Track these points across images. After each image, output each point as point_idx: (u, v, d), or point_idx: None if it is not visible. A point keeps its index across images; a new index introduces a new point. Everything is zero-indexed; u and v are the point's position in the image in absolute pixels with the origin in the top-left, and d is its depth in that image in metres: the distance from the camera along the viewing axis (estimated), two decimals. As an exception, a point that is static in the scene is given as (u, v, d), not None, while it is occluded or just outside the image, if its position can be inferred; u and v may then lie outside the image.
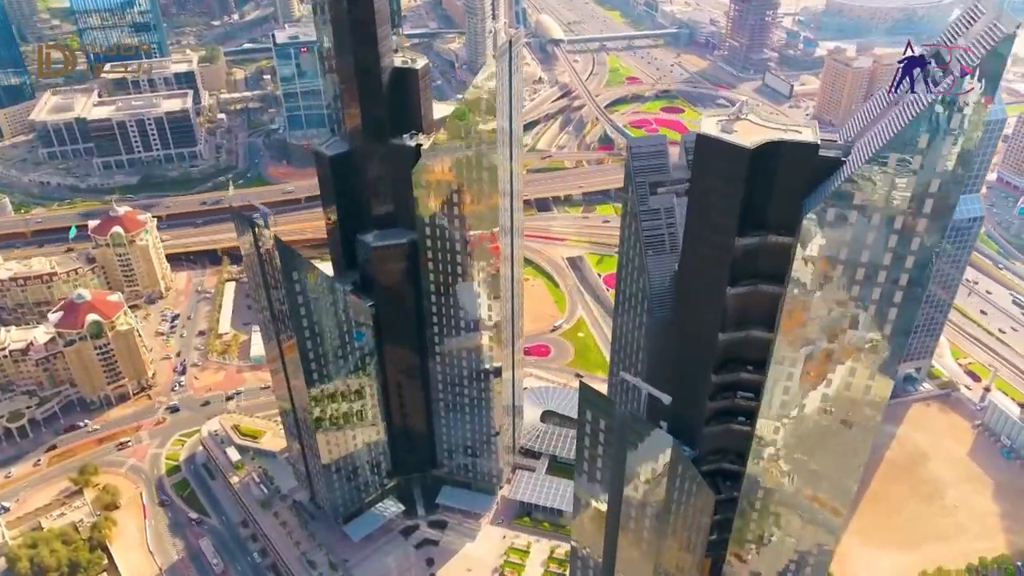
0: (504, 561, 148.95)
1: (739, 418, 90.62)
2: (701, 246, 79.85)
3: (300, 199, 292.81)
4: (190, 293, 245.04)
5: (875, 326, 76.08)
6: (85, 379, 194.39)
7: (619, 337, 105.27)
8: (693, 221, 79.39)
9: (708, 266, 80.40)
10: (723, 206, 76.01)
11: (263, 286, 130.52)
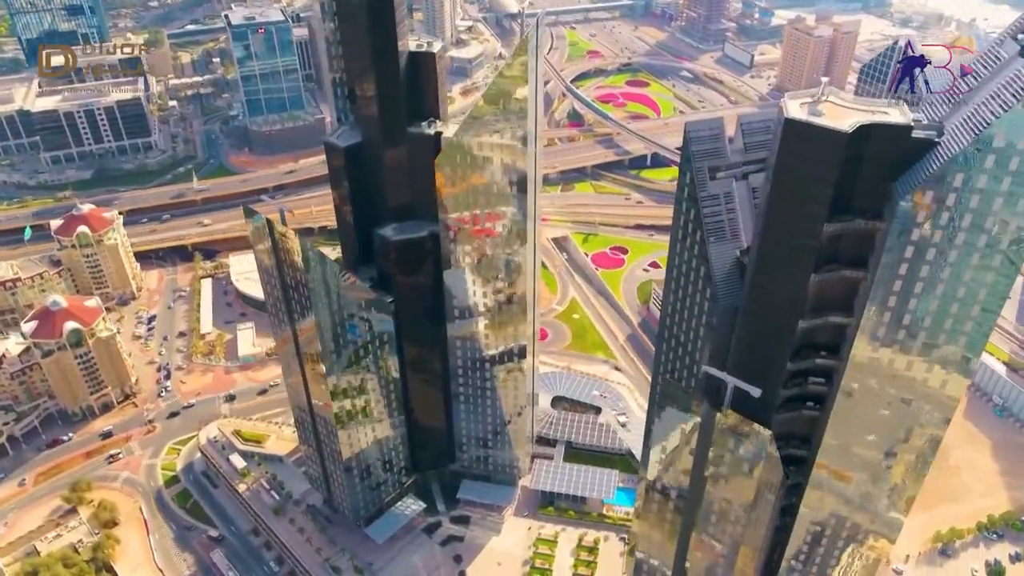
0: (533, 553, 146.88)
1: (809, 403, 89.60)
2: (786, 233, 77.78)
3: (268, 188, 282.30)
4: (164, 292, 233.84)
5: (966, 308, 75.21)
6: (65, 390, 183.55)
7: (669, 327, 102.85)
8: (778, 208, 77.13)
9: (793, 253, 78.50)
10: (814, 192, 73.98)
11: (280, 285, 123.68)
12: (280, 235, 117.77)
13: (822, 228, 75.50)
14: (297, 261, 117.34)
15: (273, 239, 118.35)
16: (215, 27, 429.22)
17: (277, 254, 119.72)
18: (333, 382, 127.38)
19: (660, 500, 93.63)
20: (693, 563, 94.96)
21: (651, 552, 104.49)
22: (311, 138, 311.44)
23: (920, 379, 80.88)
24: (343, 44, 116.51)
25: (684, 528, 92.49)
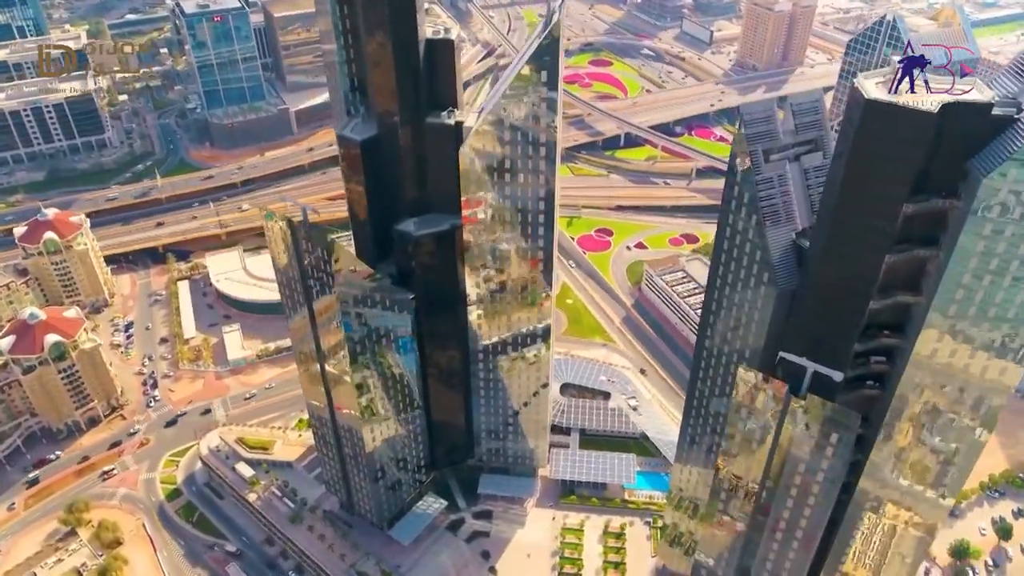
0: (561, 543, 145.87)
1: (869, 382, 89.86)
2: (863, 214, 77.16)
3: (236, 183, 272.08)
4: (138, 297, 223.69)
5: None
6: (49, 407, 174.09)
7: (717, 311, 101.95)
8: (854, 189, 76.40)
9: (868, 234, 78.05)
10: (895, 172, 73.52)
11: (301, 287, 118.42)
12: (304, 236, 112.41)
13: (901, 208, 75.08)
14: (322, 261, 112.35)
15: (295, 239, 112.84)
16: (157, 16, 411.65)
17: (299, 254, 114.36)
18: (357, 382, 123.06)
19: (728, 489, 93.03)
20: (761, 552, 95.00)
21: (712, 546, 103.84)
22: (275, 130, 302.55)
23: (984, 359, 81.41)
24: (364, 33, 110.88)
25: (752, 517, 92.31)
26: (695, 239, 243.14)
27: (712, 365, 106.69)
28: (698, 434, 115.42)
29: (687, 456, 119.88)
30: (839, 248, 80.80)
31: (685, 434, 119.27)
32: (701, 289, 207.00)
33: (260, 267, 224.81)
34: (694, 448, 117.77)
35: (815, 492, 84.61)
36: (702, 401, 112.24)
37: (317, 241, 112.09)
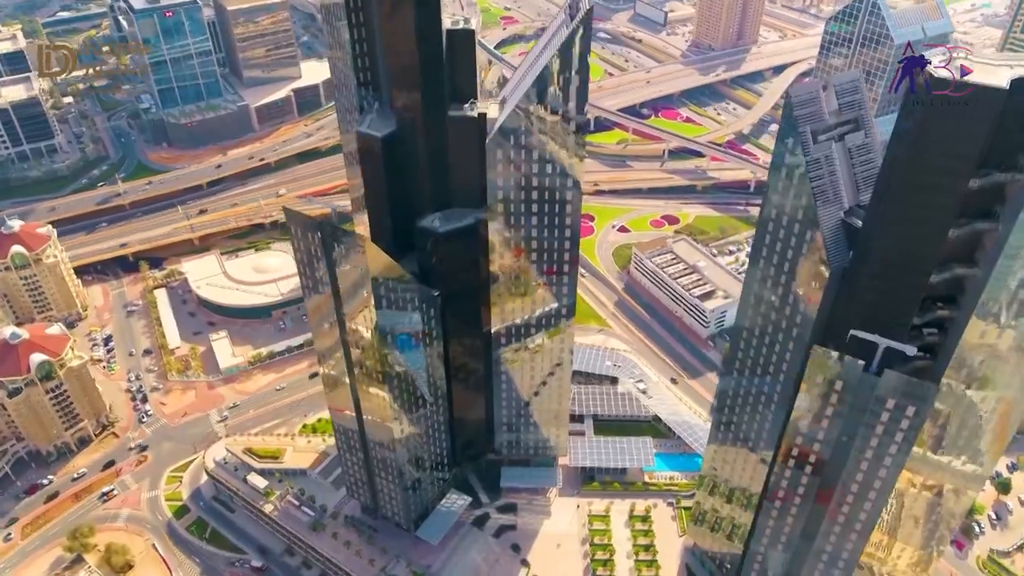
0: (589, 530, 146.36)
1: (921, 354, 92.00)
2: (927, 191, 78.52)
3: (202, 184, 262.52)
4: (113, 309, 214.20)
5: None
6: (37, 430, 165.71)
7: (760, 293, 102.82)
8: (920, 166, 77.66)
9: (932, 210, 79.55)
10: (963, 149, 74.93)
11: (331, 289, 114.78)
12: (332, 236, 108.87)
13: (967, 184, 76.79)
14: (352, 261, 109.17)
15: (325, 240, 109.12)
16: (92, 13, 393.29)
17: (328, 255, 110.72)
18: (387, 382, 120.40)
19: (793, 473, 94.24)
20: (825, 527, 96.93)
21: (762, 528, 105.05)
22: (235, 128, 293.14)
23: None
24: (385, 26, 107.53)
25: (815, 495, 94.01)
26: (676, 220, 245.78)
27: (753, 346, 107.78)
28: (736, 417, 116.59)
29: (723, 438, 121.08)
30: (902, 224, 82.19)
31: (721, 416, 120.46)
32: (691, 269, 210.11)
33: (240, 271, 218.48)
34: (730, 430, 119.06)
35: (887, 465, 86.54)
36: (740, 383, 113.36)
37: (348, 241, 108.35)
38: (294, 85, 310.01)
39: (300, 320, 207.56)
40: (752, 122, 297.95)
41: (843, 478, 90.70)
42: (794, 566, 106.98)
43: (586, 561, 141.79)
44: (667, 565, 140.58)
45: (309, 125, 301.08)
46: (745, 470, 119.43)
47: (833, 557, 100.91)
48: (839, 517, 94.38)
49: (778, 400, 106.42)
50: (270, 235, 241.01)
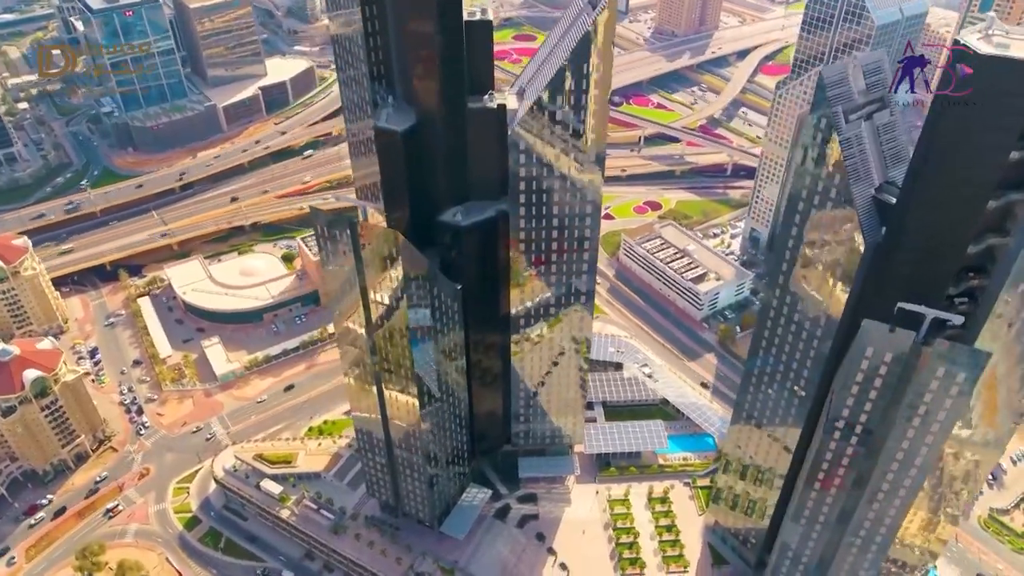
0: (611, 515, 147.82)
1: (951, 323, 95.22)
2: (968, 164, 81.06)
3: (174, 189, 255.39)
4: (95, 320, 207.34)
5: None
6: (33, 449, 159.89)
7: (788, 272, 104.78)
8: (962, 141, 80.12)
9: (973, 183, 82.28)
10: (1006, 123, 77.65)
11: (359, 287, 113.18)
12: (364, 235, 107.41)
13: (1008, 156, 79.67)
14: (382, 258, 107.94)
15: (353, 237, 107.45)
16: (38, 15, 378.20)
17: (356, 252, 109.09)
18: (415, 378, 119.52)
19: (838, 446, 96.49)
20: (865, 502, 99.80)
21: (818, 505, 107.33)
22: (203, 129, 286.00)
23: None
24: (407, 19, 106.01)
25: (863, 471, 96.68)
26: (658, 206, 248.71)
27: (782, 325, 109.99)
28: (762, 396, 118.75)
29: (748, 418, 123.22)
30: (943, 198, 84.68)
31: (745, 396, 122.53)
32: (682, 253, 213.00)
33: (226, 275, 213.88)
34: (755, 409, 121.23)
35: (933, 432, 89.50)
36: (767, 362, 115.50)
37: (377, 238, 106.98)
38: (261, 83, 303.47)
39: (293, 322, 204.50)
40: (722, 106, 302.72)
41: (888, 448, 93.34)
42: (831, 539, 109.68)
43: (611, 545, 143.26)
44: (690, 544, 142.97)
45: (279, 123, 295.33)
46: (772, 448, 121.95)
47: (873, 528, 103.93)
48: (883, 487, 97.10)
49: (808, 376, 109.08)
50: (251, 238, 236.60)
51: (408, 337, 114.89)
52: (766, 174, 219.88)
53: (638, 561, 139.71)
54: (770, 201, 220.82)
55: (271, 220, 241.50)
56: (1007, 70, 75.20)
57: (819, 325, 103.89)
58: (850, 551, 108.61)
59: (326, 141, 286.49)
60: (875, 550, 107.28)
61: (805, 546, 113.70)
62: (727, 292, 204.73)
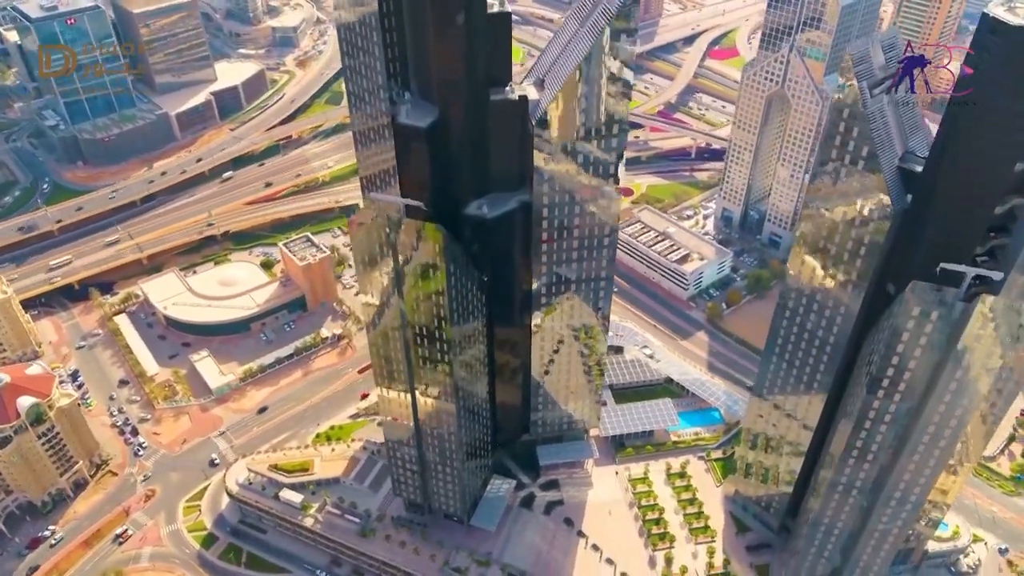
0: (634, 493, 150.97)
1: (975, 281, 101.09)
2: (1000, 129, 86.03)
3: (135, 201, 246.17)
4: (71, 342, 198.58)
5: None
6: (29, 479, 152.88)
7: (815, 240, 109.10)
8: (994, 107, 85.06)
9: (1004, 147, 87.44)
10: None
11: (395, 283, 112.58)
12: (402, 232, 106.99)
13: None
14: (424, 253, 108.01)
15: (391, 232, 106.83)
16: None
17: (395, 249, 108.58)
18: (451, 371, 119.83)
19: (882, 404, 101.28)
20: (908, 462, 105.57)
21: (857, 468, 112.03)
22: (156, 138, 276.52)
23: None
24: (430, 14, 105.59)
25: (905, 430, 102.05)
26: (630, 191, 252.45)
27: (806, 295, 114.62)
28: (785, 365, 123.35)
29: (771, 387, 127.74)
30: (973, 162, 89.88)
31: (768, 366, 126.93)
32: (663, 236, 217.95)
33: (206, 286, 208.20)
34: (778, 379, 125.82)
35: (976, 385, 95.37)
36: (790, 330, 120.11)
37: (422, 233, 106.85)
38: (212, 88, 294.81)
39: (282, 330, 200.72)
40: (677, 91, 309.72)
41: (930, 405, 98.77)
42: (864, 501, 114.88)
43: (638, 523, 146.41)
44: (713, 515, 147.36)
45: (235, 129, 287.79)
46: (796, 417, 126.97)
47: (908, 487, 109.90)
48: (922, 444, 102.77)
49: (835, 343, 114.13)
50: (224, 247, 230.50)
51: (447, 331, 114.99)
52: (735, 156, 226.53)
53: (667, 536, 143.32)
54: (740, 182, 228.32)
55: (242, 228, 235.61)
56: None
57: (846, 292, 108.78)
58: (884, 511, 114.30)
59: (286, 145, 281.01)
60: (909, 509, 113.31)
61: (841, 511, 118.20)
62: (710, 271, 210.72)
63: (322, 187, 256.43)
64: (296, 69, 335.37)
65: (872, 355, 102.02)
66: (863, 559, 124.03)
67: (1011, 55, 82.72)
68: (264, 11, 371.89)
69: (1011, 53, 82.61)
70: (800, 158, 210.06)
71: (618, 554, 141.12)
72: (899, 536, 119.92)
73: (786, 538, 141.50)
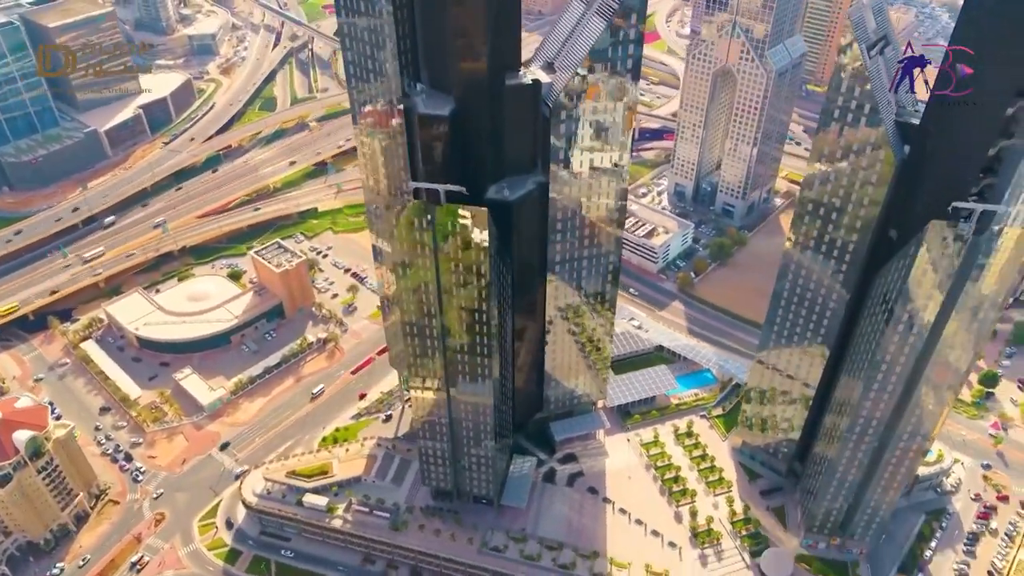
0: (648, 456, 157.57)
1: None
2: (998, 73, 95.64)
3: (77, 224, 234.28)
4: (37, 374, 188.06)
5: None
6: (31, 517, 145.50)
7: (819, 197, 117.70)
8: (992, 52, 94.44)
9: (1000, 92, 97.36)
10: None
11: (435, 274, 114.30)
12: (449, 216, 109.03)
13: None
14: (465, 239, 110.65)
15: (433, 217, 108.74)
16: None
17: (436, 237, 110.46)
18: (488, 353, 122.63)
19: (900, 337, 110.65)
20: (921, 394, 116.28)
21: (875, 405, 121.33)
22: (87, 157, 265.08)
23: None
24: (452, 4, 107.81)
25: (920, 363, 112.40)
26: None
27: (811, 248, 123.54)
28: (791, 316, 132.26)
29: (779, 336, 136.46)
30: (971, 106, 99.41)
31: (775, 318, 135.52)
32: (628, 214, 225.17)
33: (175, 303, 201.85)
34: (785, 329, 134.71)
35: (987, 307, 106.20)
36: (796, 283, 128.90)
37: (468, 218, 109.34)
38: (139, 101, 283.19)
39: (263, 340, 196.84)
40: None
41: (945, 336, 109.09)
42: (878, 440, 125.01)
43: (658, 483, 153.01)
44: (725, 467, 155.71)
45: (169, 142, 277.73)
46: (801, 368, 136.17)
47: (918, 423, 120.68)
48: (934, 377, 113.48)
49: (840, 289, 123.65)
50: (184, 262, 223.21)
51: (489, 313, 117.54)
52: (684, 133, 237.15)
53: (687, 491, 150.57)
54: (690, 157, 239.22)
55: (200, 241, 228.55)
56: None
57: (851, 239, 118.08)
58: (897, 446, 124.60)
59: (227, 155, 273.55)
60: (920, 441, 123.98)
61: (857, 452, 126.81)
62: (676, 243, 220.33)
63: (274, 194, 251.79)
64: (221, 77, 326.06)
65: (889, 293, 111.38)
66: (875, 494, 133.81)
67: (1002, 8, 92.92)
68: (176, 20, 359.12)
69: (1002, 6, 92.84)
70: (748, 130, 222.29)
71: (645, 514, 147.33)
72: (910, 468, 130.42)
73: (795, 481, 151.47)
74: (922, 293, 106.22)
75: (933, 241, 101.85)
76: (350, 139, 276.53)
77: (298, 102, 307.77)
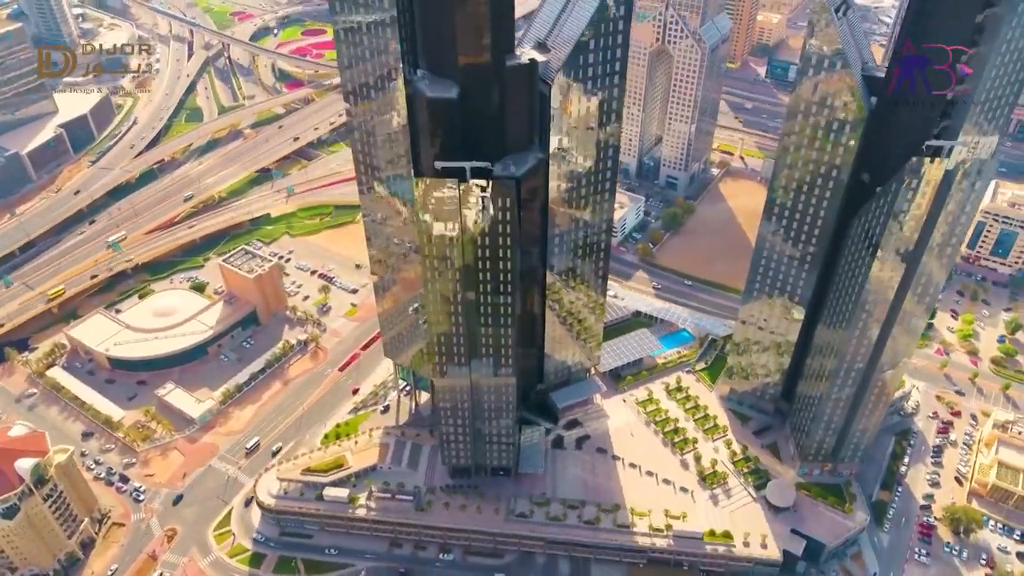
0: (646, 413, 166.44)
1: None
2: (945, 25, 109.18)
3: (14, 253, 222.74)
4: (4, 407, 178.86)
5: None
6: (40, 548, 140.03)
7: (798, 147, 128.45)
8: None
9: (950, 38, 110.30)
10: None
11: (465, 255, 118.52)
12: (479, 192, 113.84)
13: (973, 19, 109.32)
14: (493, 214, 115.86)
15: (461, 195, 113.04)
16: None
17: (463, 224, 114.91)
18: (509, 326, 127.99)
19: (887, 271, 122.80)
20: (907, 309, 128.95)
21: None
22: (10, 182, 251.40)
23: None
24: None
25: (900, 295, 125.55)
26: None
27: (791, 197, 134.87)
28: (774, 263, 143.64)
29: (762, 285, 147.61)
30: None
31: (758, 267, 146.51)
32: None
33: (142, 320, 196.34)
34: (768, 277, 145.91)
35: (962, 223, 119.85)
36: (776, 236, 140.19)
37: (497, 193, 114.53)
38: (57, 120, 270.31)
39: (241, 348, 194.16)
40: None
41: (923, 265, 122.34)
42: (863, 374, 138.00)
43: (659, 436, 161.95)
44: (718, 415, 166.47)
45: (95, 161, 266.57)
46: (785, 316, 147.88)
47: (899, 347, 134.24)
48: (914, 307, 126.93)
49: (820, 233, 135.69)
50: (140, 279, 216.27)
51: (509, 286, 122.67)
52: (625, 112, 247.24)
53: (688, 440, 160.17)
54: (632, 135, 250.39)
55: (153, 257, 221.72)
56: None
57: (827, 188, 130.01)
58: (879, 376, 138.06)
59: (161, 169, 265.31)
60: (898, 370, 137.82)
61: (845, 385, 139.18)
62: (631, 217, 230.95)
63: (220, 204, 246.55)
64: (137, 92, 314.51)
65: (872, 229, 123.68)
66: (861, 422, 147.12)
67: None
68: (79, 35, 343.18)
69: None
70: (686, 107, 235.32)
71: (654, 465, 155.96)
72: (890, 394, 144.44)
73: (782, 418, 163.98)
74: (905, 225, 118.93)
75: (912, 176, 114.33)
76: (298, 138, 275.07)
77: (226, 111, 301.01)
